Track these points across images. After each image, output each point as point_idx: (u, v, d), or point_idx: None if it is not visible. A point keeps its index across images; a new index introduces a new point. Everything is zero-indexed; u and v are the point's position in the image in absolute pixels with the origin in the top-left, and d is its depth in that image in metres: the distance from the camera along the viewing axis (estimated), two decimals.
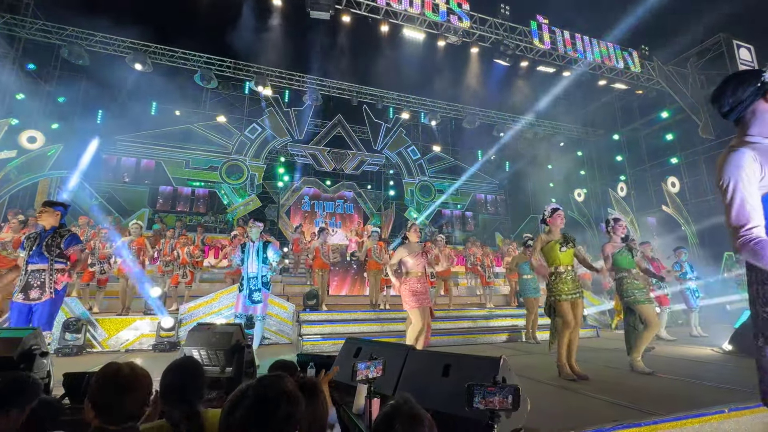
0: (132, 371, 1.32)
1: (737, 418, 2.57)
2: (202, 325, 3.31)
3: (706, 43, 12.80)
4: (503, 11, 11.87)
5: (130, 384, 1.28)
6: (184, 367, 1.64)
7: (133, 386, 1.29)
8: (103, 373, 1.30)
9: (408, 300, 4.30)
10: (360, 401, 2.39)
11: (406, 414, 1.12)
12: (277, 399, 0.98)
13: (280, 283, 9.32)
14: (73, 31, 11.66)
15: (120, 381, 1.27)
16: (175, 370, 1.62)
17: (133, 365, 1.35)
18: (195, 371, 1.65)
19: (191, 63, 13.15)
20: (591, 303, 8.54)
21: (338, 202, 17.03)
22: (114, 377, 1.28)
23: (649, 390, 3.26)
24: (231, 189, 15.22)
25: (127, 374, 1.30)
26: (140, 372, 1.34)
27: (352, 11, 10.45)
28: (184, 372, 1.62)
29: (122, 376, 1.29)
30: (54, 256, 3.73)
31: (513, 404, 1.38)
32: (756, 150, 1.27)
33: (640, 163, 15.52)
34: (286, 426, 0.97)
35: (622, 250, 4.27)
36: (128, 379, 1.29)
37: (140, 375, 1.33)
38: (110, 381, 1.27)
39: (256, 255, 4.98)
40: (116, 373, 1.30)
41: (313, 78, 14.72)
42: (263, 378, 1.07)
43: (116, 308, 6.65)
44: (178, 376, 1.59)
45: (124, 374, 1.30)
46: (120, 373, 1.30)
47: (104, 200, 13.11)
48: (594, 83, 13.47)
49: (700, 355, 5.12)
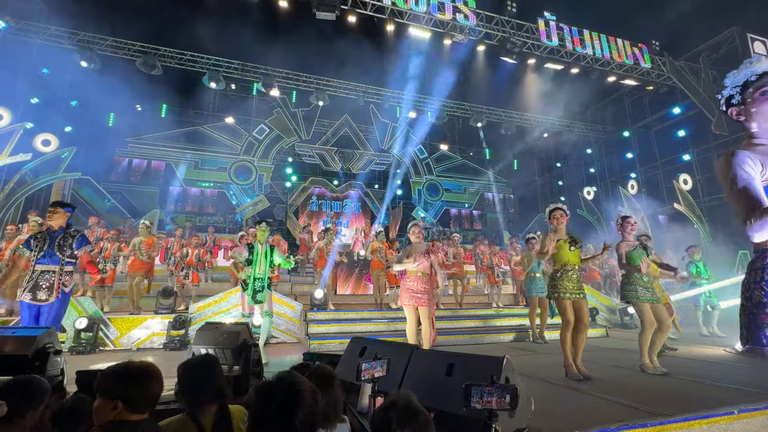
0: (141, 363, 1.42)
1: (747, 420, 2.53)
2: (210, 324, 3.36)
3: (718, 37, 12.53)
4: (510, 8, 11.77)
5: (145, 373, 1.38)
6: (206, 364, 1.66)
7: (149, 375, 1.38)
8: (119, 368, 1.37)
9: (402, 297, 4.35)
10: (364, 400, 2.41)
11: (402, 406, 1.14)
12: (302, 397, 1.03)
13: (288, 283, 9.41)
14: (86, 35, 11.91)
15: (135, 372, 1.36)
16: (196, 366, 1.64)
17: (137, 361, 1.44)
18: (212, 367, 1.68)
19: (200, 65, 13.32)
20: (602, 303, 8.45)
21: (345, 202, 17.10)
22: (126, 369, 1.37)
23: (657, 390, 3.22)
24: (239, 189, 15.38)
25: (138, 366, 1.40)
26: (147, 364, 1.43)
27: (357, 11, 10.47)
28: (209, 368, 1.65)
29: (134, 368, 1.38)
30: (66, 257, 3.78)
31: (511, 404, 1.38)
32: (754, 152, 1.30)
33: (651, 160, 15.27)
34: (311, 420, 1.03)
35: (636, 247, 4.23)
36: (140, 369, 1.38)
37: (149, 365, 1.42)
38: (126, 373, 1.35)
39: (264, 257, 5.03)
40: (127, 366, 1.39)
41: (320, 78, 14.79)
42: (282, 378, 1.11)
43: (127, 307, 6.79)
44: (203, 371, 1.62)
45: (135, 366, 1.39)
46: (131, 365, 1.40)
47: (116, 201, 13.37)
48: (603, 80, 13.28)
49: (711, 355, 5.03)
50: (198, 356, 1.75)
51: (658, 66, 13.13)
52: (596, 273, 9.77)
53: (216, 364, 1.69)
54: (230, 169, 15.47)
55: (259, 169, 15.72)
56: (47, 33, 11.58)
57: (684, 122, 13.92)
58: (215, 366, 1.67)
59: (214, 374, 1.63)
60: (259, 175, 15.70)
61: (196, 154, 15.33)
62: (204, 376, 1.60)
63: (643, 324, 3.99)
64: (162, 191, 14.99)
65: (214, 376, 1.63)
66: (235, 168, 15.52)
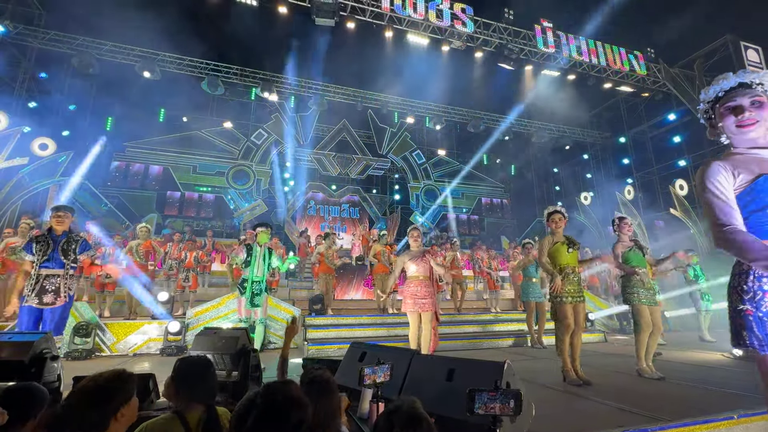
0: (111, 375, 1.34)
1: (747, 425, 2.53)
2: (209, 329, 3.34)
3: (712, 45, 12.70)
4: (507, 15, 11.91)
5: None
6: (198, 365, 1.67)
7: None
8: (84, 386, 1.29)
9: (405, 302, 4.34)
10: (364, 405, 2.40)
11: (405, 414, 1.13)
12: (287, 406, 0.99)
13: (285, 288, 9.36)
14: (84, 40, 11.92)
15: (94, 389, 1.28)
16: (190, 367, 1.64)
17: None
18: (209, 369, 1.69)
19: (198, 70, 13.35)
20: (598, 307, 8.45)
21: (343, 207, 17.09)
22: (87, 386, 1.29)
23: (656, 395, 3.23)
24: (237, 194, 15.35)
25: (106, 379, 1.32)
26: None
27: (356, 17, 10.55)
28: (199, 369, 1.65)
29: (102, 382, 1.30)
30: (70, 261, 3.78)
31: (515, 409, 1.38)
32: (728, 161, 1.37)
33: (647, 165, 15.39)
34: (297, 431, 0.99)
35: (632, 248, 4.25)
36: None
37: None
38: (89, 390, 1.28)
39: (263, 260, 5.02)
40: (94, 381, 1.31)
41: (318, 83, 14.85)
42: (270, 385, 1.09)
43: (123, 312, 6.73)
44: (194, 372, 1.62)
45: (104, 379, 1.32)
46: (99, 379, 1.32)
47: (113, 206, 13.30)
48: (599, 86, 13.41)
49: (709, 360, 5.04)
50: (197, 356, 1.77)
51: (653, 73, 13.28)
52: (595, 278, 9.79)
53: (212, 366, 1.72)
54: (228, 173, 15.45)
55: (257, 173, 15.71)
56: (46, 37, 11.59)
57: (680, 128, 14.06)
58: (211, 368, 1.70)
59: (209, 375, 1.65)
60: (257, 179, 15.68)
61: (194, 159, 15.31)
62: (200, 375, 1.62)
63: (640, 326, 4.00)
64: (160, 196, 14.94)
65: (210, 377, 1.65)
66: (233, 173, 15.50)
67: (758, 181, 1.34)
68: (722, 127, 1.53)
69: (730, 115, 1.47)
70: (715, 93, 1.55)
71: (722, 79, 1.52)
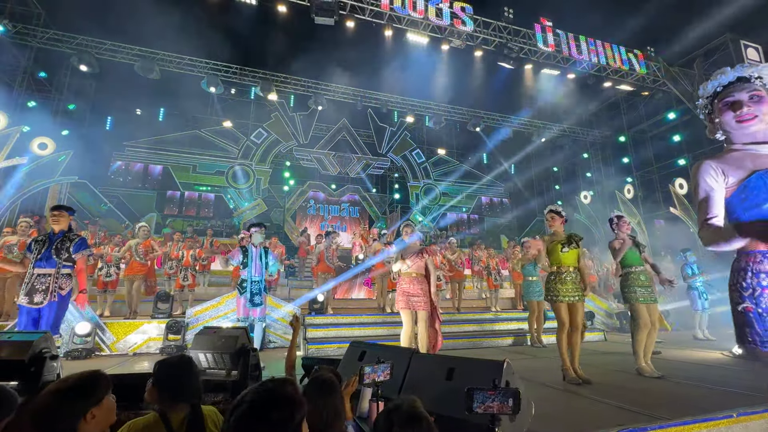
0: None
1: (746, 423, 2.53)
2: (208, 328, 3.34)
3: (712, 44, 12.69)
4: (507, 14, 11.88)
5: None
6: (176, 366, 1.63)
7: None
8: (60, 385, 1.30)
9: (398, 300, 4.21)
10: (364, 404, 2.40)
11: (405, 413, 1.13)
12: (271, 404, 0.97)
13: (285, 287, 9.36)
14: (84, 39, 11.90)
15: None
16: (168, 368, 1.61)
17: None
18: (191, 368, 1.65)
19: (198, 69, 13.33)
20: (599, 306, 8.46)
21: (343, 206, 17.09)
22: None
23: (656, 394, 3.23)
24: (237, 193, 15.35)
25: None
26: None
27: (356, 16, 10.53)
28: (178, 370, 1.61)
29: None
30: (62, 260, 3.75)
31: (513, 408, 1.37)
32: (720, 160, 1.38)
33: (647, 164, 15.39)
34: (281, 430, 0.97)
35: (630, 246, 4.25)
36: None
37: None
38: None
39: (260, 259, 5.03)
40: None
41: (318, 82, 14.84)
42: (264, 383, 1.09)
43: (124, 312, 6.73)
44: (172, 374, 1.58)
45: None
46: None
47: (113, 205, 13.30)
48: (599, 85, 13.39)
49: (708, 359, 5.04)
50: (175, 356, 1.72)
51: (653, 72, 13.26)
52: (593, 276, 9.79)
53: (193, 364, 1.67)
54: (228, 173, 15.45)
55: (257, 173, 15.71)
56: (45, 36, 11.57)
57: (679, 127, 14.06)
58: (192, 366, 1.66)
59: (191, 374, 1.61)
60: (257, 179, 15.68)
61: (193, 158, 15.30)
62: (181, 376, 1.58)
63: (638, 324, 3.99)
64: (159, 195, 14.94)
65: (191, 376, 1.61)
66: (232, 172, 15.49)
67: (751, 179, 1.34)
68: (721, 122, 1.52)
69: (729, 110, 1.47)
70: (713, 88, 1.54)
71: (720, 74, 1.51)
